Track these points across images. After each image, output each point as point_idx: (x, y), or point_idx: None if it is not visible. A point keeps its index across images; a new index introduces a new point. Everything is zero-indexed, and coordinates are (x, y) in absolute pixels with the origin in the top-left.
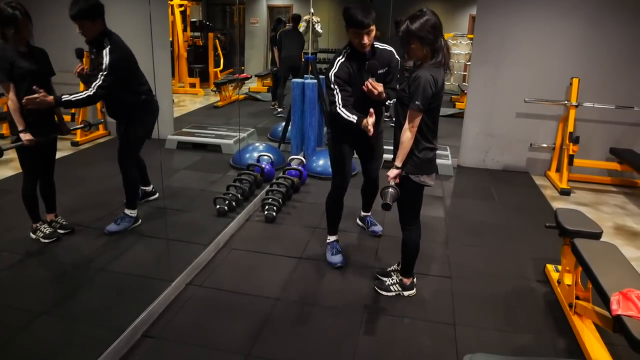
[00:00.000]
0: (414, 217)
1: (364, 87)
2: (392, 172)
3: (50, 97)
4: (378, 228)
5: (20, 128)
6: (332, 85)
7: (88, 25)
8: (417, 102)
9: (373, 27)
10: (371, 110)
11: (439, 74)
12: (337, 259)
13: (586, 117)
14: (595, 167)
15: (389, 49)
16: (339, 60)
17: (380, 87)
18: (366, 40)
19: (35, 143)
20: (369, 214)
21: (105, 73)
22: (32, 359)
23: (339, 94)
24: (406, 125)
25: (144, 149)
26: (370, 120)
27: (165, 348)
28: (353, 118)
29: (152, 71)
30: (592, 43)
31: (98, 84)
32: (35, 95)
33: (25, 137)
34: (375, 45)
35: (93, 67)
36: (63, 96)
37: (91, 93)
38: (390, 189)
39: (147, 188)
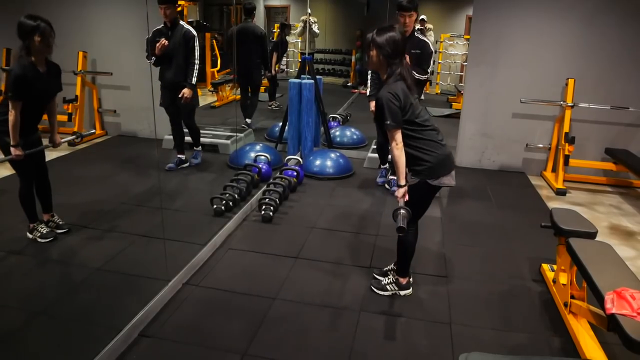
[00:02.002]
0: (416, 219)
1: None
2: (399, 192)
3: (190, 91)
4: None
5: (13, 143)
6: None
7: (171, 8)
8: (387, 122)
9: (414, 13)
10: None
11: (397, 87)
12: (380, 180)
13: (582, 118)
14: (591, 168)
15: (425, 40)
16: None
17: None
18: (407, 21)
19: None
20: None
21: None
22: (29, 358)
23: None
24: (391, 145)
25: (142, 149)
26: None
27: (162, 347)
28: (368, 90)
29: (149, 72)
30: (588, 44)
31: (199, 53)
32: (185, 98)
33: (16, 152)
34: (415, 34)
35: (173, 42)
36: (193, 80)
37: (198, 61)
38: (401, 211)
39: (182, 156)
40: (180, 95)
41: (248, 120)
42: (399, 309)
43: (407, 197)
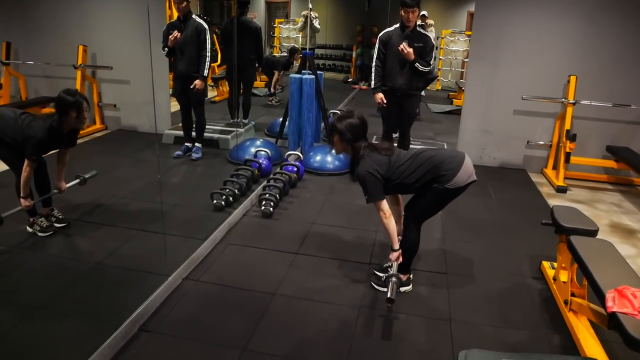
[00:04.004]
0: (424, 220)
1: (398, 47)
2: (393, 255)
3: (201, 83)
4: None
5: (23, 195)
6: (377, 44)
7: (185, 3)
8: (366, 197)
9: (416, 9)
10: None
11: (371, 163)
12: None
13: (583, 115)
14: (592, 165)
15: (428, 34)
16: (389, 29)
17: (409, 49)
18: (410, 17)
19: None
20: None
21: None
22: (28, 352)
23: (376, 53)
24: (379, 215)
25: (142, 143)
26: (380, 96)
27: (162, 342)
28: (372, 82)
29: (149, 66)
30: (590, 41)
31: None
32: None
33: (25, 203)
34: (418, 28)
35: (185, 35)
36: (205, 72)
37: (210, 55)
38: (393, 278)
39: (189, 144)
40: (192, 86)
41: (245, 120)
42: (398, 305)
43: (401, 259)
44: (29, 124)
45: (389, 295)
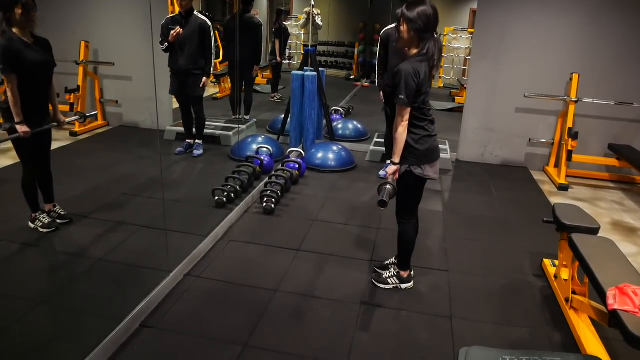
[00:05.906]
0: (411, 211)
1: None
2: (390, 169)
3: (208, 80)
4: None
5: (17, 120)
6: (379, 43)
7: (187, 0)
8: (401, 97)
9: None
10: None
11: (421, 67)
12: (383, 173)
13: (585, 113)
14: (594, 163)
15: None
16: (388, 27)
17: None
18: None
19: (31, 134)
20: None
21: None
22: (30, 348)
23: (379, 53)
24: (396, 120)
25: (143, 139)
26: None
27: (163, 338)
28: (377, 80)
29: (151, 62)
30: (593, 39)
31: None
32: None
33: (22, 129)
34: None
35: (187, 31)
36: (211, 69)
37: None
38: (387, 186)
39: (191, 141)
40: (201, 85)
41: (247, 117)
42: (399, 302)
43: (397, 176)
44: None
45: (382, 198)
